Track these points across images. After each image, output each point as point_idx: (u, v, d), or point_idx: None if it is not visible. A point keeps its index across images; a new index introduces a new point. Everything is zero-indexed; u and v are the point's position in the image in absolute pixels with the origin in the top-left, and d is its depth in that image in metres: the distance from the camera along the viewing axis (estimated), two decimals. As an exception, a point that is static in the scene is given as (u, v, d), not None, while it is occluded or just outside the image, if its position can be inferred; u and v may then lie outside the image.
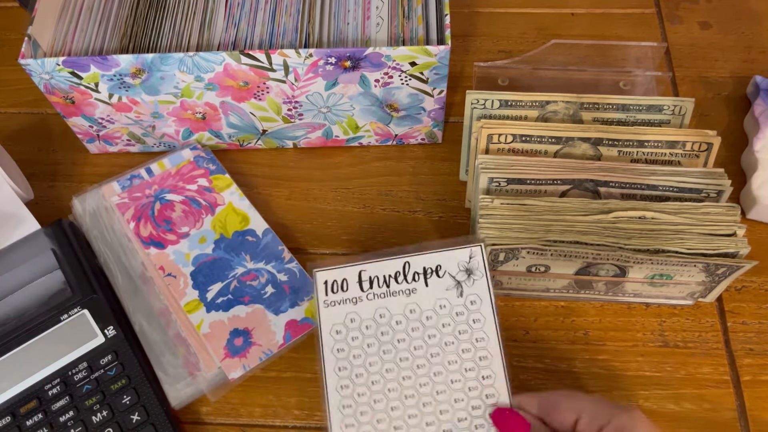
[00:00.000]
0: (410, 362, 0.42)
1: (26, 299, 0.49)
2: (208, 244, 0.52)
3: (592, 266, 0.45)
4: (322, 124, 0.56)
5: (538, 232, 0.44)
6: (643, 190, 0.46)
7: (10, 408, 0.45)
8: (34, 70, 0.49)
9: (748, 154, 0.55)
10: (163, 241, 0.52)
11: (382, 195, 0.56)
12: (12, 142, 0.61)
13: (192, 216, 0.53)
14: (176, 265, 0.51)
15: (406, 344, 0.43)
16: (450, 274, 0.44)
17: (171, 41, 0.54)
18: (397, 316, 0.43)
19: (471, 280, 0.44)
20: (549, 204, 0.45)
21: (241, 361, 0.47)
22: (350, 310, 0.43)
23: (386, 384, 0.42)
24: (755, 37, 0.64)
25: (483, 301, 0.43)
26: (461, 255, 0.44)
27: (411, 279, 0.44)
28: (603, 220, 0.44)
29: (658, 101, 0.48)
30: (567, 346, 0.49)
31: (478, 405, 0.41)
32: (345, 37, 0.53)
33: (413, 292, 0.44)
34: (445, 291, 0.44)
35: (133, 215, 0.53)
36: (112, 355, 0.47)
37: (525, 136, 0.47)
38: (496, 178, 0.46)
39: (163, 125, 0.56)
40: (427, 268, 0.44)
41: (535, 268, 0.46)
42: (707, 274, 0.45)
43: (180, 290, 0.49)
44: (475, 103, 0.49)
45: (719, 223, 0.44)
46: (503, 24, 0.66)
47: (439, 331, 0.43)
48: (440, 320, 0.43)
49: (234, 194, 0.54)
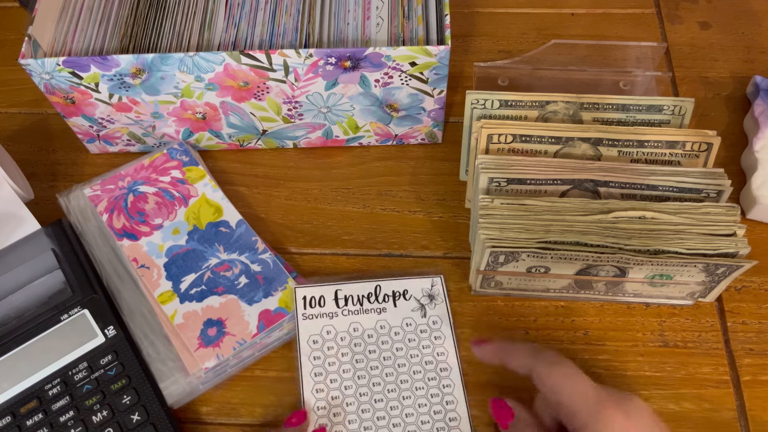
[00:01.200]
0: (380, 371, 0.47)
1: (26, 299, 0.49)
2: (182, 235, 0.52)
3: (592, 267, 0.45)
4: (322, 124, 0.56)
5: (538, 232, 0.44)
6: (643, 190, 0.46)
7: (10, 408, 0.45)
8: (35, 70, 0.49)
9: (748, 154, 0.55)
10: (136, 232, 0.52)
11: (382, 195, 0.56)
12: (12, 142, 0.61)
13: (165, 207, 0.53)
14: (150, 256, 0.51)
15: (377, 355, 0.48)
16: (415, 298, 0.50)
17: (171, 41, 0.54)
18: (368, 330, 0.49)
19: (433, 304, 0.50)
20: (549, 204, 0.45)
21: (214, 350, 0.47)
22: (327, 323, 0.49)
23: (358, 389, 0.47)
24: (755, 37, 0.64)
25: (443, 321, 0.49)
26: (424, 283, 0.51)
27: (382, 299, 0.50)
28: (603, 220, 0.44)
29: (657, 101, 0.48)
30: (567, 346, 0.49)
31: (439, 410, 0.46)
32: (345, 37, 0.53)
33: (383, 311, 0.49)
34: (410, 311, 0.49)
35: (106, 207, 0.53)
36: (112, 355, 0.47)
37: (525, 136, 0.47)
38: (496, 178, 0.46)
39: (163, 125, 0.56)
40: (396, 291, 0.50)
41: (535, 270, 0.46)
42: (707, 274, 0.45)
43: (153, 281, 0.50)
44: (475, 103, 0.49)
45: (719, 223, 0.44)
46: (503, 24, 0.66)
47: (406, 345, 0.48)
48: (406, 336, 0.49)
49: (207, 186, 0.54)
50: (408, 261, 0.53)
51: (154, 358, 0.47)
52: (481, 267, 0.46)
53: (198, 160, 0.56)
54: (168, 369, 0.46)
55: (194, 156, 0.56)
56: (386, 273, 0.52)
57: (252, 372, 0.48)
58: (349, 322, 0.49)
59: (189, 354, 0.47)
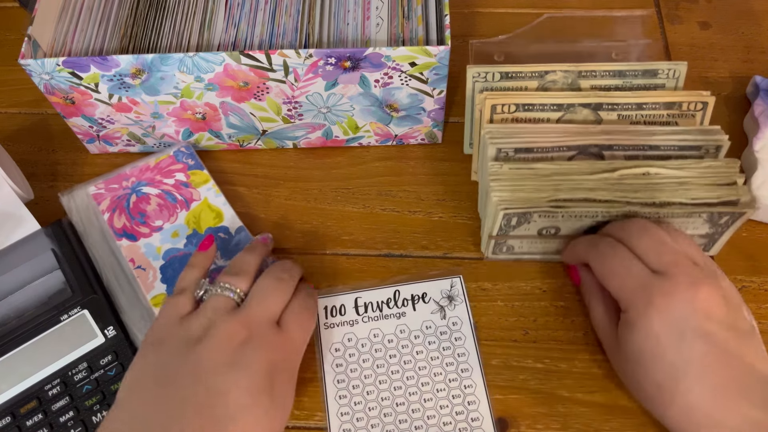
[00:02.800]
0: (401, 374, 0.48)
1: (26, 299, 0.49)
2: (181, 238, 0.52)
3: (601, 225, 0.46)
4: (322, 124, 0.56)
5: (549, 191, 0.45)
6: (646, 151, 0.48)
7: (10, 408, 0.45)
8: (34, 71, 0.49)
9: (748, 154, 0.55)
10: (136, 233, 0.52)
11: (382, 195, 0.56)
12: (12, 142, 0.61)
13: (167, 210, 0.53)
14: (147, 258, 0.51)
15: (397, 359, 0.48)
16: (434, 300, 0.50)
17: (171, 41, 0.54)
18: (389, 335, 0.49)
19: (452, 305, 0.50)
20: (557, 167, 0.46)
21: None
22: (347, 331, 0.49)
23: (380, 393, 0.47)
24: (755, 37, 0.64)
25: (463, 322, 0.49)
26: (443, 284, 0.51)
27: (401, 304, 0.50)
28: (609, 178, 0.46)
29: (652, 66, 0.50)
30: (567, 346, 0.49)
31: (461, 410, 0.46)
32: (345, 37, 0.53)
33: (403, 315, 0.50)
34: (430, 314, 0.50)
35: (108, 206, 0.53)
36: (112, 355, 0.47)
37: (528, 104, 0.49)
38: (504, 149, 0.47)
39: (163, 125, 0.56)
40: (415, 295, 0.51)
41: (546, 231, 0.47)
42: (711, 225, 0.46)
43: (149, 283, 0.50)
44: (476, 76, 0.50)
45: (720, 175, 0.46)
46: (503, 24, 0.66)
47: (426, 348, 0.48)
48: (426, 338, 0.49)
49: (210, 190, 0.54)
50: (407, 261, 0.53)
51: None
52: (494, 232, 0.47)
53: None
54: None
55: (200, 160, 0.56)
56: (406, 277, 0.51)
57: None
58: (370, 329, 0.49)
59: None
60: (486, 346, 0.49)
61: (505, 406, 0.47)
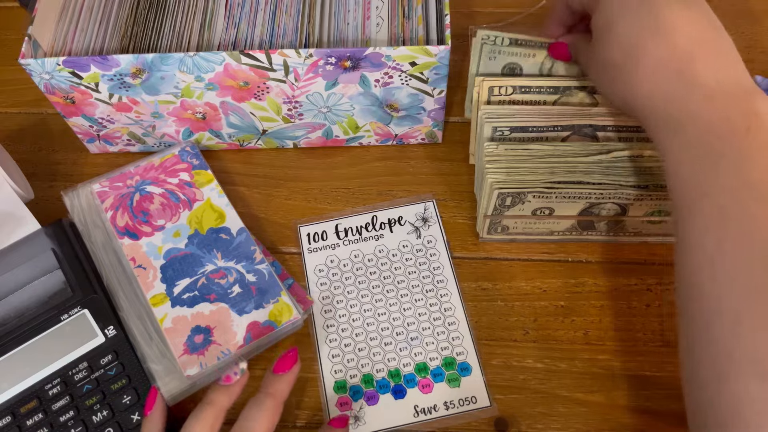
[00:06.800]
0: (381, 289, 0.51)
1: (26, 299, 0.49)
2: (182, 238, 0.52)
3: (594, 206, 0.47)
4: (322, 124, 0.56)
5: (543, 173, 0.46)
6: (640, 133, 0.48)
7: (11, 408, 0.45)
8: (35, 70, 0.49)
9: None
10: (138, 232, 0.52)
11: (382, 195, 0.56)
12: (12, 142, 0.61)
13: (169, 209, 0.53)
14: (148, 257, 0.51)
15: (377, 275, 0.52)
16: (410, 222, 0.54)
17: (171, 41, 0.54)
18: (368, 255, 0.53)
19: (427, 225, 0.54)
20: (552, 148, 0.47)
21: (198, 358, 0.46)
22: (330, 254, 0.53)
23: (362, 306, 0.51)
24: (755, 37, 0.64)
25: (437, 240, 0.53)
26: (418, 208, 0.55)
27: (378, 227, 0.54)
28: (603, 160, 0.46)
29: None
30: (567, 346, 0.49)
31: (438, 317, 0.50)
32: (345, 37, 0.53)
33: (381, 237, 0.54)
34: (406, 234, 0.54)
35: (112, 204, 0.53)
36: (112, 354, 0.47)
37: (525, 87, 0.50)
38: (500, 128, 0.48)
39: (163, 125, 0.56)
40: (391, 219, 0.54)
41: (540, 212, 0.48)
42: None
43: (148, 282, 0.49)
44: (485, 38, 0.50)
45: None
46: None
47: (404, 264, 0.52)
48: (404, 256, 0.53)
49: (214, 191, 0.54)
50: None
51: (152, 357, 0.47)
52: (488, 212, 0.48)
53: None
54: (164, 367, 0.46)
55: (204, 160, 0.56)
56: (383, 205, 0.55)
57: (253, 372, 0.48)
58: (350, 251, 0.53)
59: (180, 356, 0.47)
60: (486, 346, 0.49)
61: (505, 406, 0.47)
